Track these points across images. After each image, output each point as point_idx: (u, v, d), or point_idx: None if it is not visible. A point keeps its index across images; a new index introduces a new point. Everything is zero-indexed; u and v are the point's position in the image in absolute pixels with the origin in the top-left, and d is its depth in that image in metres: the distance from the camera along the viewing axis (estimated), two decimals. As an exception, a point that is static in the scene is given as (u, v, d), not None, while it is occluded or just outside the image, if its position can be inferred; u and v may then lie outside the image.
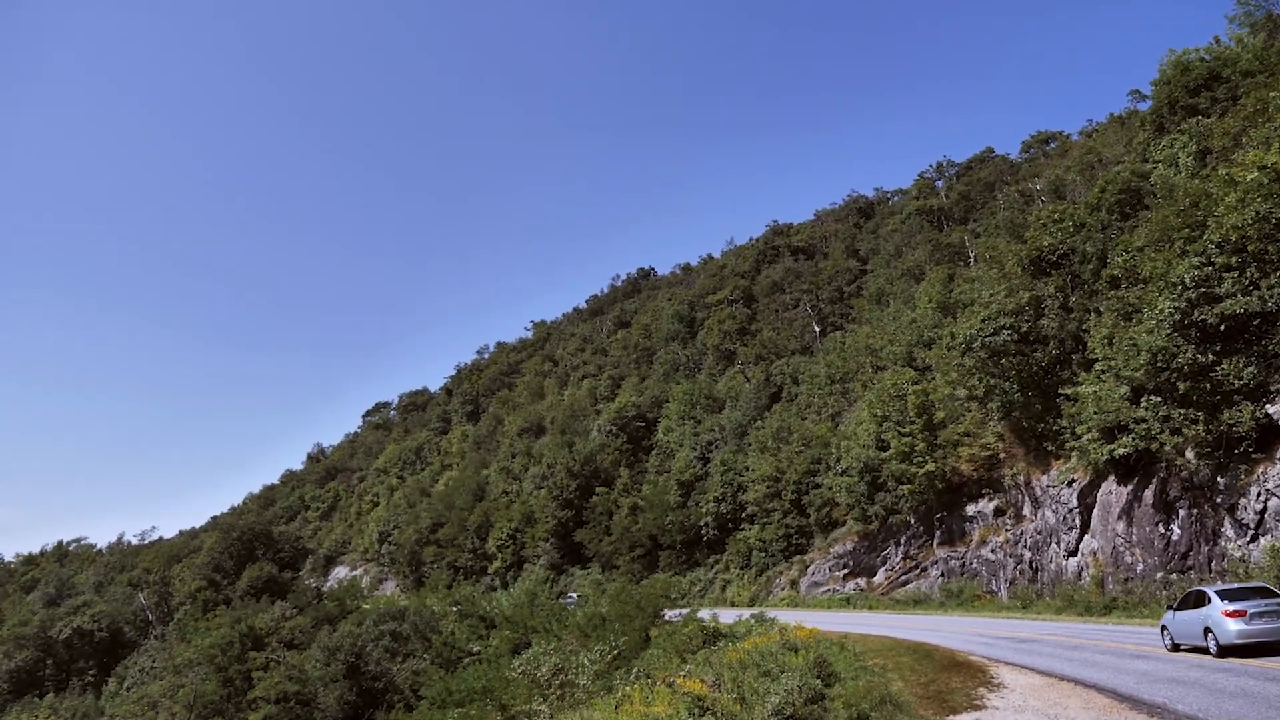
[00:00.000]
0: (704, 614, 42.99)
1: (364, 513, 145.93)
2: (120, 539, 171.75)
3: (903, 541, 56.14)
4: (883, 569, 57.46)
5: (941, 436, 52.05)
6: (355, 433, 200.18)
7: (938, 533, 53.13)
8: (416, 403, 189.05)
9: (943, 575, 51.43)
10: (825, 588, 60.40)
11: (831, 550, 62.64)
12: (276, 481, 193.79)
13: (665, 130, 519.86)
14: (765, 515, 69.28)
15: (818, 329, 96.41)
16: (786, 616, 42.10)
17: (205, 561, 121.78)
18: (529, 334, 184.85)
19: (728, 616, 44.01)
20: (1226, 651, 20.46)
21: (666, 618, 47.45)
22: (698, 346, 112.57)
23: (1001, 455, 49.60)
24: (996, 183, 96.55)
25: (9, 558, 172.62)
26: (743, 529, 72.52)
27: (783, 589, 64.68)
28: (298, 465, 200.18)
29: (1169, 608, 24.14)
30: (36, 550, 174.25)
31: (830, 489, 61.41)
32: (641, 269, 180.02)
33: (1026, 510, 46.17)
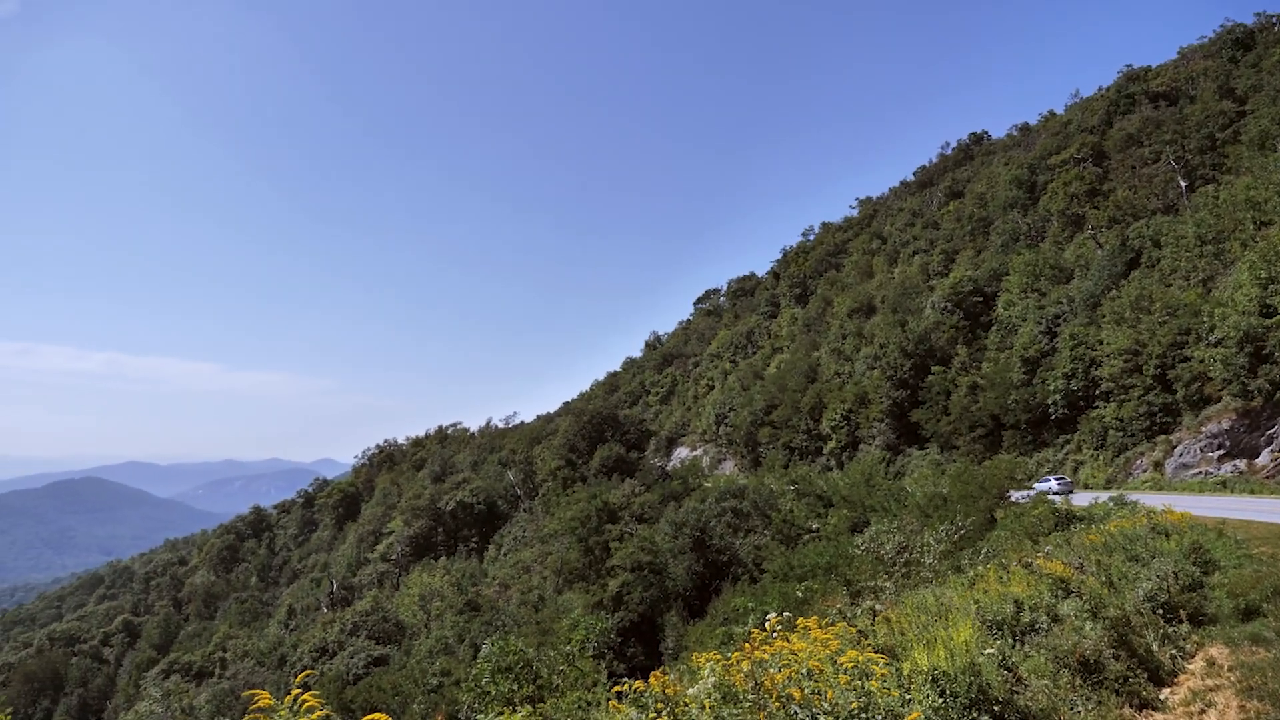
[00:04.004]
0: (1054, 496, 40.94)
1: (700, 396, 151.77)
2: (488, 423, 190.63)
3: (1293, 419, 49.72)
4: (1267, 450, 51.30)
5: (1345, 298, 45.04)
6: (688, 320, 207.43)
7: (1339, 409, 46.44)
8: (745, 288, 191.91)
9: (1345, 456, 45.07)
10: (1195, 470, 55.07)
11: (1203, 429, 56.77)
12: (618, 369, 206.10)
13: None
14: (1123, 392, 64.03)
15: (1183, 184, 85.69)
16: (1150, 500, 39.08)
17: (561, 443, 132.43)
18: (854, 212, 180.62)
19: (1081, 499, 41.57)
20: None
21: (1012, 499, 45.76)
22: (1040, 213, 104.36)
23: None
24: None
25: (400, 440, 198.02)
26: (1096, 407, 67.51)
27: (1144, 471, 59.81)
28: (636, 353, 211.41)
29: (1037, 481, 57.67)
30: (421, 434, 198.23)
31: (1201, 362, 55.47)
32: (973, 134, 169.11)
33: None
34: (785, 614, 10.08)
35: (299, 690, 6.31)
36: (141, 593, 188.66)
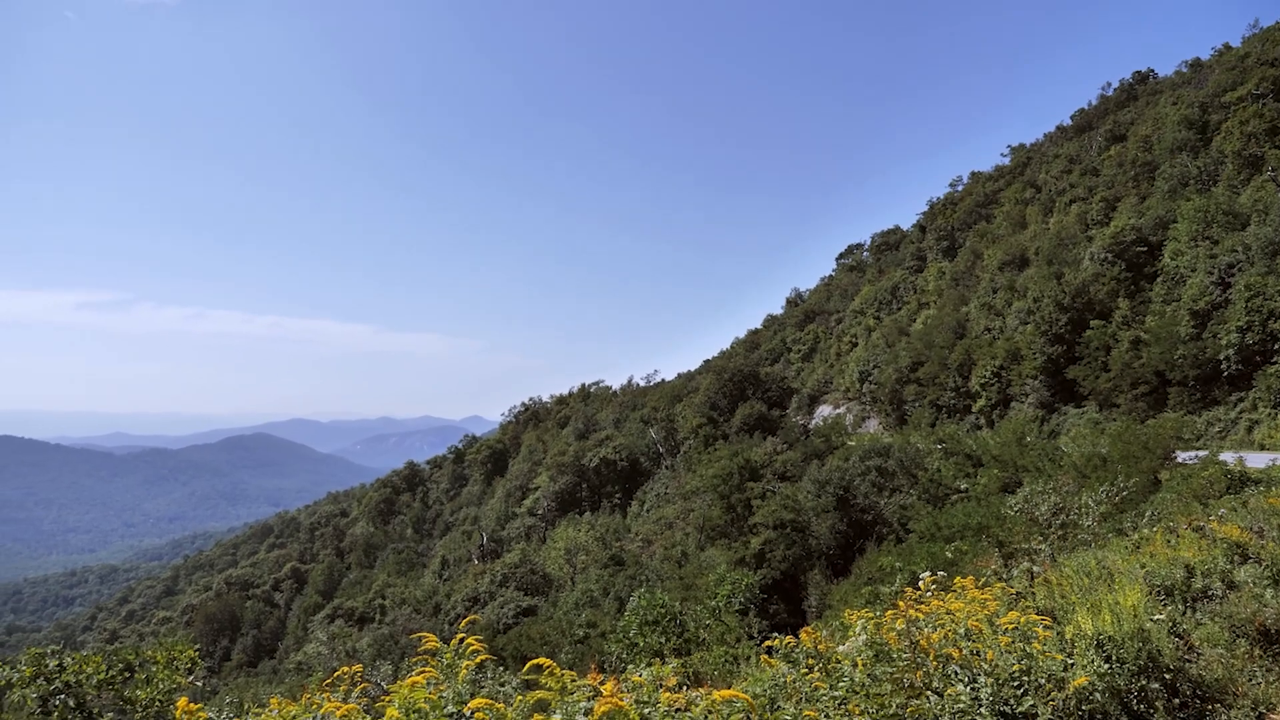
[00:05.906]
0: (1226, 457, 38.65)
1: (843, 353, 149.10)
2: (630, 381, 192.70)
3: None
4: None
5: None
6: (830, 276, 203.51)
7: None
8: (889, 242, 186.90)
9: None
10: (1389, 429, 50.92)
11: (1399, 386, 52.35)
12: (759, 326, 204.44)
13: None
14: (1305, 346, 59.58)
15: (1380, 119, 78.46)
16: (1336, 461, 36.35)
17: (703, 401, 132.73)
18: (1006, 160, 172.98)
19: (1256, 460, 38.97)
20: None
21: (1179, 460, 43.43)
22: (1212, 155, 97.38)
23: None
24: None
25: (545, 399, 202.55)
26: (1275, 362, 63.03)
27: (1329, 430, 55.67)
28: (777, 310, 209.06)
29: None
30: (565, 392, 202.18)
31: (1398, 313, 51.02)
32: (1137, 73, 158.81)
33: None
34: (939, 574, 9.86)
35: (463, 635, 6.57)
36: (307, 542, 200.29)
